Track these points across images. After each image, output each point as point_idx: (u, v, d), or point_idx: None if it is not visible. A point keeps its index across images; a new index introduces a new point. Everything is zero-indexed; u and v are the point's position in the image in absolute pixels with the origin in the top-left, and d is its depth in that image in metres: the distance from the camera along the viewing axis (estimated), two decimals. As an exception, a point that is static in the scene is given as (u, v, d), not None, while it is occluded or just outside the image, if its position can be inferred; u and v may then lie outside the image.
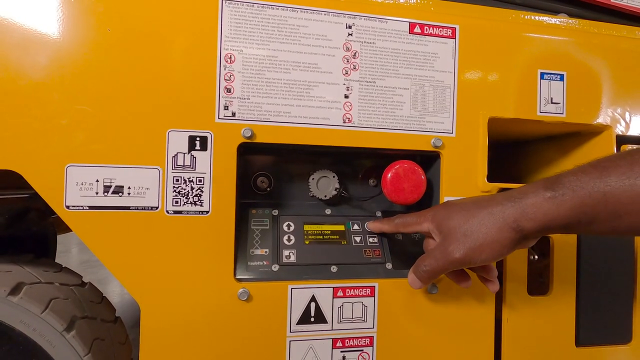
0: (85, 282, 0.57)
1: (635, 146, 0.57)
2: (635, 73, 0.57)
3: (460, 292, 0.52)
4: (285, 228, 0.53)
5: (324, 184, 0.55)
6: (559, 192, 0.35)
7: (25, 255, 0.54)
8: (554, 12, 0.86)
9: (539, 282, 0.58)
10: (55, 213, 0.45)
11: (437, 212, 0.43)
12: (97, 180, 0.44)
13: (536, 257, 0.59)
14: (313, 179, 0.55)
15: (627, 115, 0.57)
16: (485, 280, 0.47)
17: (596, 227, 0.35)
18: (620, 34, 0.60)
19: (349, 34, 0.49)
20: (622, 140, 0.57)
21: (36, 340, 0.44)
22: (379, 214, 0.57)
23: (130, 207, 0.45)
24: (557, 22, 0.58)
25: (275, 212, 0.54)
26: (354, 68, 0.49)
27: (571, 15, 0.86)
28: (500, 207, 0.38)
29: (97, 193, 0.44)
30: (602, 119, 0.56)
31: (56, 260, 0.64)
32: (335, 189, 0.55)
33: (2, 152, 0.42)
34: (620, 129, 0.57)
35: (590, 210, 0.34)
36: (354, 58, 0.49)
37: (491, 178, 0.55)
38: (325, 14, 0.49)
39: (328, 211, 0.56)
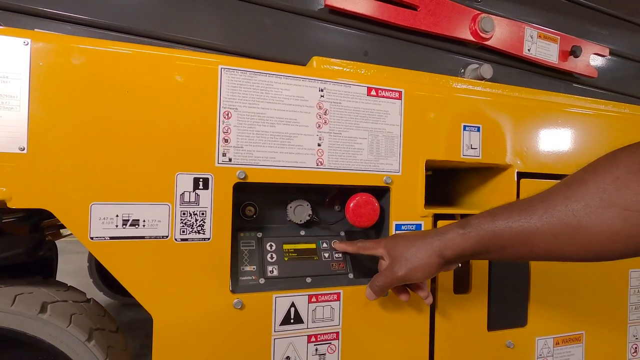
0: (89, 298, 0.65)
1: (530, 179, 0.78)
2: (530, 125, 0.77)
3: (404, 294, 0.69)
4: (268, 247, 0.66)
5: (299, 211, 0.68)
6: (467, 230, 0.51)
7: (35, 277, 0.62)
8: (483, 60, 1.08)
9: (461, 283, 0.76)
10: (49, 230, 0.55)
11: (388, 241, 0.59)
12: (117, 215, 0.54)
13: (460, 265, 0.78)
14: (290, 207, 0.68)
15: (524, 157, 0.77)
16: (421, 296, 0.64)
17: (491, 256, 0.52)
18: (521, 95, 0.80)
19: (321, 96, 0.63)
20: (520, 175, 0.77)
21: (64, 350, 0.54)
22: (342, 233, 0.72)
23: (145, 236, 0.55)
24: (476, 88, 0.77)
25: (260, 235, 0.67)
26: (325, 122, 0.64)
27: (494, 63, 1.08)
28: (430, 240, 0.54)
29: (117, 226, 0.54)
30: (507, 159, 0.76)
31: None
32: (309, 215, 0.69)
33: (38, 194, 0.51)
34: (520, 167, 0.77)
35: (486, 243, 0.50)
36: (325, 115, 0.64)
37: (430, 198, 0.72)
38: (302, 80, 0.62)
39: (302, 232, 0.70)
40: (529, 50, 1.08)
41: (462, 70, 1.06)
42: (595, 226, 0.42)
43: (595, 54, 1.15)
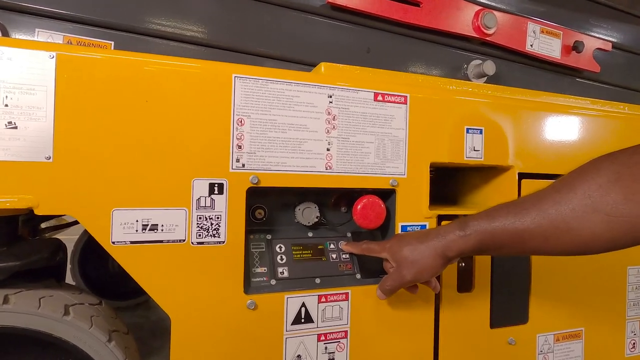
0: (100, 300, 0.75)
1: (531, 180, 0.90)
2: (530, 127, 0.90)
3: (410, 295, 0.80)
4: (278, 249, 0.77)
5: (308, 213, 0.79)
6: (466, 232, 0.63)
7: (49, 280, 0.71)
8: (485, 55, 1.20)
9: (465, 282, 0.89)
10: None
11: (392, 245, 0.71)
12: (137, 220, 0.64)
13: (463, 264, 0.90)
14: (299, 209, 0.79)
15: (525, 158, 0.89)
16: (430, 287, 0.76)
17: (491, 253, 0.64)
18: (522, 97, 0.92)
19: (330, 102, 0.74)
20: (521, 175, 0.90)
21: (87, 350, 0.63)
22: (349, 234, 0.84)
23: (163, 240, 0.65)
24: (479, 91, 0.89)
25: (269, 237, 0.78)
26: (334, 128, 0.74)
27: (497, 58, 1.20)
28: (433, 242, 0.66)
29: (136, 230, 0.64)
30: (509, 160, 0.88)
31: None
32: (316, 217, 0.79)
33: (63, 201, 0.60)
34: (520, 167, 0.89)
35: (485, 243, 0.62)
36: (334, 120, 0.74)
37: (433, 197, 0.83)
38: (312, 87, 0.73)
39: (310, 234, 0.81)
40: (531, 45, 1.21)
41: (465, 66, 1.18)
42: (581, 229, 0.54)
43: (597, 48, 1.28)
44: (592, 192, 0.52)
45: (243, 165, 0.69)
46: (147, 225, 0.65)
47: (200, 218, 0.67)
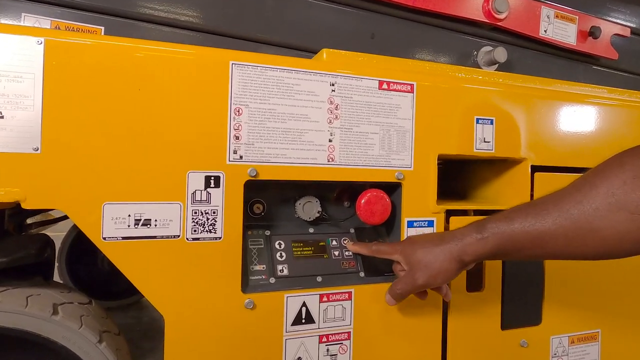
0: (90, 300, 0.76)
1: (545, 173, 0.91)
2: (544, 117, 0.90)
3: (416, 292, 0.81)
4: (277, 246, 0.77)
5: (309, 208, 0.80)
6: (484, 235, 0.63)
7: (36, 278, 0.71)
8: (496, 41, 1.20)
9: (475, 281, 0.89)
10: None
11: (405, 247, 0.71)
12: (129, 215, 0.65)
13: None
14: (299, 204, 0.79)
15: (538, 150, 0.90)
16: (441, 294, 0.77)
17: (509, 257, 0.64)
18: (535, 85, 0.93)
19: (332, 90, 0.74)
20: (534, 168, 0.90)
21: (76, 352, 0.64)
22: (352, 230, 0.84)
23: (156, 236, 0.66)
24: (490, 79, 0.89)
25: (268, 233, 0.78)
26: (336, 117, 0.75)
27: (508, 44, 1.20)
28: (448, 246, 0.66)
29: (129, 226, 0.65)
30: (521, 152, 0.89)
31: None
32: (318, 212, 0.80)
33: (51, 194, 0.61)
34: (533, 160, 0.90)
35: (503, 246, 0.62)
36: (336, 110, 0.75)
37: (441, 191, 0.84)
38: (313, 75, 0.73)
39: (311, 230, 0.81)
40: (545, 31, 1.21)
41: (475, 53, 1.18)
42: (605, 229, 0.53)
43: (615, 34, 1.28)
44: (616, 189, 0.52)
45: (241, 157, 0.70)
46: (140, 220, 0.65)
47: (195, 213, 0.68)
